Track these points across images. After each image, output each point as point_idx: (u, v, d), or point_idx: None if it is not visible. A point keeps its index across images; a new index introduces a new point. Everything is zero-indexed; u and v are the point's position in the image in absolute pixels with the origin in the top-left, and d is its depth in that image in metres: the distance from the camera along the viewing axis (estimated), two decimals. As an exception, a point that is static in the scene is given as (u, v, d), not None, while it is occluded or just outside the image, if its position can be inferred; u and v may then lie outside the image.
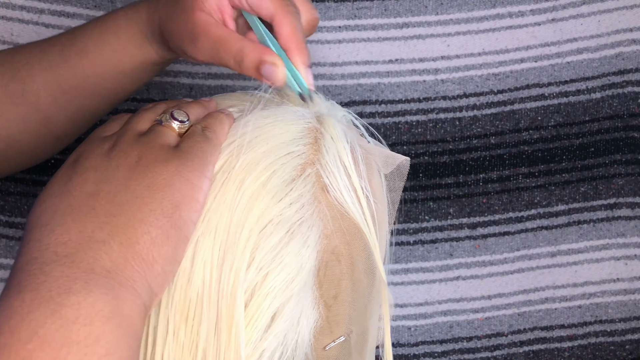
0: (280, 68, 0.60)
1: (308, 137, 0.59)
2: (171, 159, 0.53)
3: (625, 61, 0.94)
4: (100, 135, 0.57)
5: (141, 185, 0.51)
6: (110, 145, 0.55)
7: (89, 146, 0.55)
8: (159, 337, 0.53)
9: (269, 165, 0.56)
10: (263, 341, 0.53)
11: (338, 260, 0.57)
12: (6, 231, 0.91)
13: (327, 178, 0.57)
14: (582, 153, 0.95)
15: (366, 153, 0.61)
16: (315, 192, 0.57)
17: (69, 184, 0.52)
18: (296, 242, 0.55)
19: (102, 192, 0.51)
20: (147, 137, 0.55)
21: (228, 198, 0.54)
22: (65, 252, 0.48)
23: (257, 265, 0.54)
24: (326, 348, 0.57)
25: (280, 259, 0.54)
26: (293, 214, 0.55)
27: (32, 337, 0.45)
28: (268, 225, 0.54)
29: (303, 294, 0.55)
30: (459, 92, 0.94)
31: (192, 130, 0.57)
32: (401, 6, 0.93)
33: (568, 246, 0.95)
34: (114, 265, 0.49)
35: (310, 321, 0.56)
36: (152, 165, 0.52)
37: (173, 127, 0.57)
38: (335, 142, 0.59)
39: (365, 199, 0.58)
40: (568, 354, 0.96)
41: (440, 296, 0.95)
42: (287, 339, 0.55)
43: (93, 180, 0.52)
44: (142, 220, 0.50)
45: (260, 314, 0.53)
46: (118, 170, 0.52)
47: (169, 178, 0.52)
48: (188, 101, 0.62)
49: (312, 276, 0.56)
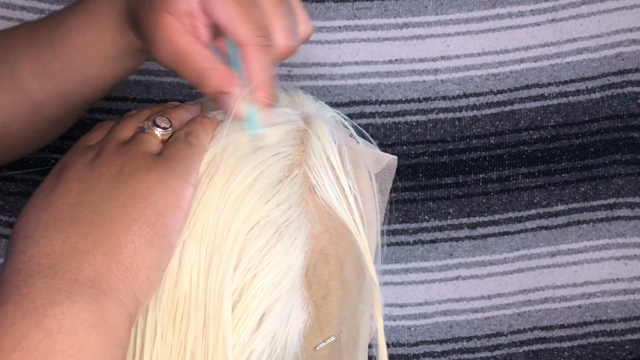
0: (239, 103, 0.58)
1: (295, 138, 0.59)
2: (153, 167, 0.53)
3: (625, 61, 0.94)
4: (83, 144, 0.57)
5: (124, 195, 0.51)
6: (94, 155, 0.55)
7: (73, 156, 0.55)
8: (147, 340, 0.53)
9: (255, 167, 0.56)
10: (251, 342, 0.54)
11: (327, 261, 0.57)
12: (6, 231, 0.91)
13: (315, 179, 0.57)
14: (582, 153, 0.95)
15: (354, 153, 0.61)
16: (302, 193, 0.57)
17: (52, 195, 0.52)
18: (284, 243, 0.55)
19: (85, 203, 0.51)
20: (130, 146, 0.55)
21: (214, 200, 0.54)
22: (49, 263, 0.48)
23: (245, 266, 0.54)
24: (316, 348, 0.57)
25: (268, 260, 0.54)
26: (280, 215, 0.55)
27: (15, 347, 0.45)
28: (255, 227, 0.54)
29: (292, 295, 0.55)
30: (459, 92, 0.94)
31: (175, 137, 0.57)
32: (401, 6, 0.93)
33: (568, 246, 0.95)
34: (98, 275, 0.49)
35: (300, 322, 0.56)
36: (134, 174, 0.52)
37: (156, 134, 0.57)
38: (322, 142, 0.59)
39: (353, 199, 0.59)
40: (568, 354, 0.96)
41: (440, 296, 0.95)
42: (276, 339, 0.55)
43: (76, 191, 0.52)
44: (125, 230, 0.50)
45: (249, 315, 0.54)
46: (101, 180, 0.52)
47: (152, 186, 0.52)
48: (173, 105, 0.62)
49: (301, 277, 0.56)
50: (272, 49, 0.59)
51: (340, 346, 0.59)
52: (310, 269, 0.56)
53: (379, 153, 0.64)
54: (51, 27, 0.68)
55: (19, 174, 0.91)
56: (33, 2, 0.90)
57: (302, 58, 0.92)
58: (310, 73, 0.93)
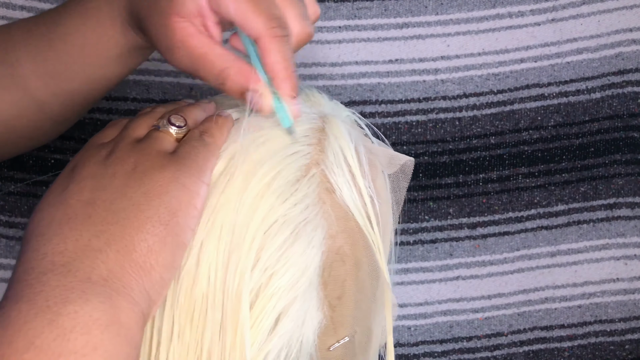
0: (266, 98, 0.57)
1: (312, 138, 0.58)
2: (167, 165, 0.53)
3: (625, 61, 0.94)
4: (97, 142, 0.57)
5: (137, 193, 0.51)
6: (107, 153, 0.54)
7: (86, 154, 0.55)
8: (164, 338, 0.53)
9: (273, 166, 0.56)
10: (268, 342, 0.53)
11: (343, 261, 0.57)
12: (6, 231, 0.91)
13: (332, 178, 0.57)
14: (582, 153, 0.95)
15: (370, 153, 0.61)
16: (320, 193, 0.57)
17: (66, 193, 0.52)
18: (301, 242, 0.55)
19: (99, 200, 0.51)
20: (144, 144, 0.55)
21: (232, 199, 0.54)
22: (62, 261, 0.48)
23: (262, 265, 0.53)
24: (330, 349, 0.57)
25: (286, 260, 0.54)
26: (298, 214, 0.55)
27: (29, 347, 0.45)
28: (273, 226, 0.54)
29: (308, 295, 0.55)
30: (459, 92, 0.94)
31: (190, 135, 0.56)
32: (401, 6, 0.93)
33: (568, 246, 0.95)
34: (111, 273, 0.49)
35: (315, 322, 0.56)
36: (148, 172, 0.52)
37: (170, 133, 0.56)
38: (339, 142, 0.59)
39: (370, 199, 0.58)
40: (568, 353, 0.96)
41: (440, 296, 0.95)
42: (292, 339, 0.54)
43: (89, 189, 0.52)
44: (139, 228, 0.50)
45: (266, 315, 0.53)
46: (114, 177, 0.52)
47: (165, 185, 0.52)
48: (188, 103, 0.62)
49: (317, 277, 0.56)
50: (289, 37, 0.58)
51: (354, 347, 0.59)
52: (327, 269, 0.56)
53: (393, 153, 0.64)
54: (50, 26, 0.67)
55: (18, 174, 0.91)
56: (33, 2, 0.90)
57: (302, 58, 0.92)
58: (310, 73, 0.93)
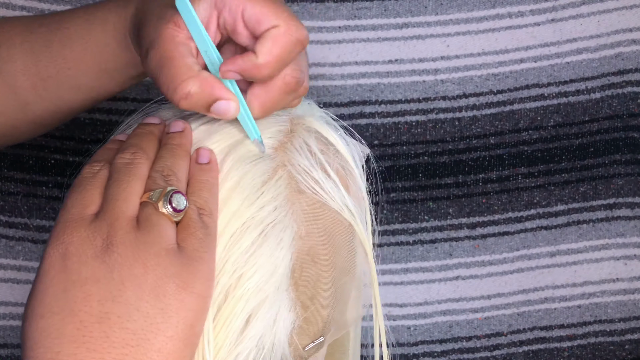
0: (233, 103, 0.55)
1: (278, 140, 0.59)
2: (180, 273, 0.50)
3: (625, 61, 0.94)
4: (80, 213, 0.51)
5: (155, 309, 0.49)
6: (103, 243, 0.50)
7: (75, 238, 0.50)
8: None
9: (238, 169, 0.56)
10: (238, 344, 0.53)
11: (314, 262, 0.57)
12: (6, 231, 0.91)
13: (299, 177, 0.57)
14: (582, 153, 0.95)
15: (339, 153, 0.61)
16: (289, 194, 0.57)
17: (68, 298, 0.48)
18: (270, 243, 0.55)
19: (113, 316, 0.48)
20: (147, 236, 0.50)
21: None
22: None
23: (231, 267, 0.53)
24: (305, 349, 0.57)
25: (254, 261, 0.54)
26: (266, 216, 0.55)
27: None
28: (240, 228, 0.54)
29: (278, 296, 0.55)
30: (459, 92, 0.94)
31: (190, 220, 0.52)
32: (401, 6, 0.93)
33: (567, 246, 0.95)
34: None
35: (287, 323, 0.56)
36: (162, 283, 0.49)
37: (170, 217, 0.52)
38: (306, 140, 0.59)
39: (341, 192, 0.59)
40: (567, 353, 0.96)
41: (439, 296, 0.95)
42: (263, 341, 0.54)
43: (97, 299, 0.48)
44: (160, 350, 0.48)
45: (235, 316, 0.53)
46: (124, 287, 0.49)
47: (182, 299, 0.49)
48: (144, 132, 0.58)
49: (287, 278, 0.56)
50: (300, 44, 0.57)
51: (330, 346, 0.59)
52: (297, 270, 0.56)
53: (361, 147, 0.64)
54: (51, 27, 0.65)
55: (18, 174, 0.91)
56: (33, 2, 0.90)
57: (302, 58, 0.92)
58: (310, 73, 0.93)
